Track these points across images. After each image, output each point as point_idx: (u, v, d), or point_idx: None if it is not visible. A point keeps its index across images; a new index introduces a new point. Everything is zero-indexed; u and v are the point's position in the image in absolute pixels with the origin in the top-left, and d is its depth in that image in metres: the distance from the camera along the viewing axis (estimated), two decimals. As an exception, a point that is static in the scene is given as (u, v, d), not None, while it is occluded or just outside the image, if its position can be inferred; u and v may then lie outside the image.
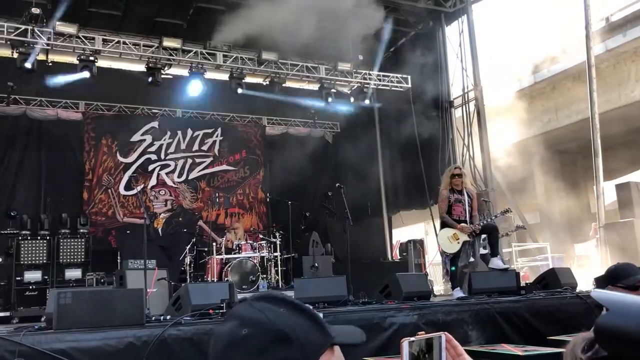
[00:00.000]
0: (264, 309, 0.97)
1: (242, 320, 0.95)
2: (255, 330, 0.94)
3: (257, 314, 0.96)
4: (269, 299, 0.99)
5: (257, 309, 0.97)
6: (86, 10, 10.48)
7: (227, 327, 0.95)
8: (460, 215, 6.97)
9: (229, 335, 0.94)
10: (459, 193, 7.03)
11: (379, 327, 5.15)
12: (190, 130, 12.38)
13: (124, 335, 4.14)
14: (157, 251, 10.23)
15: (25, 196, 10.88)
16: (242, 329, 0.94)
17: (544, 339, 4.76)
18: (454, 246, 6.98)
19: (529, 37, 15.82)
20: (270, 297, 1.00)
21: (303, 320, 0.98)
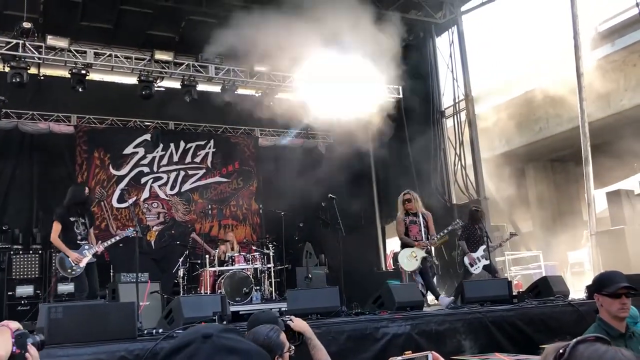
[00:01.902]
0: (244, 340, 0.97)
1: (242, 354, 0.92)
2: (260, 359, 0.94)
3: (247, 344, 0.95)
4: (233, 331, 0.98)
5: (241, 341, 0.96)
6: (78, 24, 10.51)
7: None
8: (417, 235, 7.83)
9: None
10: (414, 215, 7.87)
11: (372, 338, 5.15)
12: (182, 142, 12.38)
13: (115, 350, 4.12)
14: (150, 264, 10.21)
15: (17, 210, 10.82)
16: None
17: (537, 347, 4.78)
18: (413, 263, 7.72)
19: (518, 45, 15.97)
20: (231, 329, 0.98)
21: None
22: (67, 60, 9.53)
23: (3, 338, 1.93)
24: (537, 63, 15.49)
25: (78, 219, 7.07)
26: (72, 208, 7.12)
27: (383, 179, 13.70)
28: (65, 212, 7.07)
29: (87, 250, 7.00)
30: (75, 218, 7.06)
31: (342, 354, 4.91)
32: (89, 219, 7.26)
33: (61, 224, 6.95)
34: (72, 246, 6.94)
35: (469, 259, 8.83)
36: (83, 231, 7.08)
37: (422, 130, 12.01)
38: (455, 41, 11.99)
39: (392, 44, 11.70)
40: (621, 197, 11.59)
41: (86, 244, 7.06)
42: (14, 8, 9.52)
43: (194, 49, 10.90)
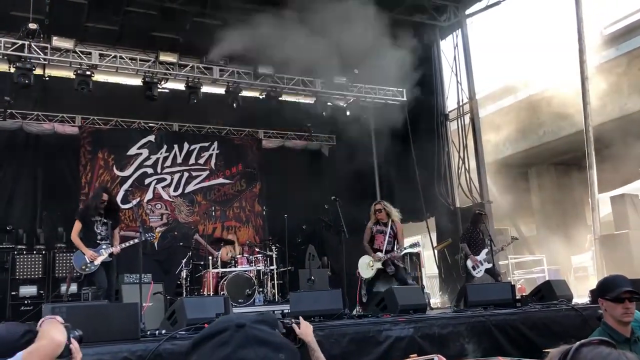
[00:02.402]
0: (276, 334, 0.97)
1: (271, 346, 0.93)
2: (289, 354, 0.94)
3: (278, 337, 0.96)
4: (267, 322, 0.99)
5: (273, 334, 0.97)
6: (83, 25, 10.55)
7: (259, 354, 0.91)
8: (380, 245, 7.80)
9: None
10: (383, 225, 7.84)
11: (375, 341, 5.14)
12: (186, 143, 12.40)
13: (118, 350, 4.13)
14: (153, 265, 10.21)
15: (21, 210, 10.85)
16: (279, 355, 0.92)
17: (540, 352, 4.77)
18: (369, 272, 7.80)
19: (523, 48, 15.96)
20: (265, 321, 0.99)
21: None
22: (72, 62, 9.56)
23: (59, 328, 2.11)
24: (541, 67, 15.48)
25: (99, 219, 7.16)
26: (92, 208, 7.23)
27: (386, 182, 13.69)
28: (85, 212, 7.26)
29: (104, 249, 7.07)
30: (95, 218, 7.15)
31: (344, 356, 4.91)
32: (113, 220, 7.30)
33: (81, 223, 7.10)
34: (91, 245, 7.04)
35: (472, 262, 8.80)
36: (103, 231, 7.15)
37: (426, 133, 12.01)
38: (459, 44, 11.99)
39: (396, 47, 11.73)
40: (625, 201, 11.54)
41: (105, 243, 7.12)
42: (20, 9, 9.56)
43: (198, 50, 10.93)
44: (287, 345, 0.95)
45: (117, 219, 7.64)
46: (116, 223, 7.45)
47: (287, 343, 0.96)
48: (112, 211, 7.47)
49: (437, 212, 12.11)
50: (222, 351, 0.90)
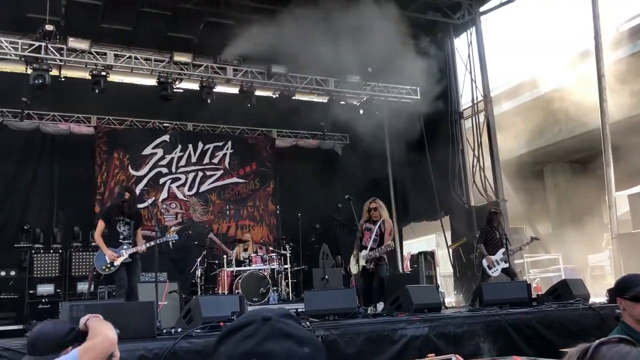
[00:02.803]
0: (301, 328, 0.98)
1: (296, 339, 0.94)
2: (314, 348, 0.94)
3: (303, 331, 0.96)
4: (292, 317, 1.00)
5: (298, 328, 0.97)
6: (98, 26, 10.63)
7: (283, 346, 0.92)
8: (366, 243, 7.80)
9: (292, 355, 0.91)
10: (373, 223, 7.84)
11: (390, 340, 5.14)
12: (200, 143, 12.46)
13: (135, 348, 4.17)
14: (168, 264, 10.28)
15: (38, 210, 10.98)
16: (303, 348, 0.93)
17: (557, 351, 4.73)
18: (354, 268, 7.89)
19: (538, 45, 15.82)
20: (290, 315, 1.00)
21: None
22: (88, 62, 9.65)
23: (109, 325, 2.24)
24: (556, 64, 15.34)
25: (122, 219, 7.22)
26: (115, 208, 7.32)
27: (400, 181, 13.67)
28: (108, 211, 7.35)
29: (124, 249, 7.11)
30: (118, 217, 7.21)
31: (359, 355, 4.91)
32: (135, 219, 7.36)
33: (104, 222, 7.17)
34: (113, 244, 7.09)
35: (487, 262, 8.75)
36: (125, 231, 7.20)
37: (440, 131, 11.96)
38: (473, 42, 11.91)
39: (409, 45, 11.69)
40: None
41: (126, 243, 7.17)
42: (37, 11, 9.66)
43: (212, 50, 10.97)
44: (312, 340, 0.95)
45: (140, 219, 7.68)
46: (138, 223, 7.50)
47: (311, 337, 0.96)
48: (136, 211, 7.53)
49: (452, 210, 12.06)
50: (247, 344, 0.91)
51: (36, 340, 2.49)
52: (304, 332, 0.97)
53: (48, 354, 2.43)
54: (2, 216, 10.63)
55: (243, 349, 0.91)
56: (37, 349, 2.47)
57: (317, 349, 0.95)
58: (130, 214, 7.31)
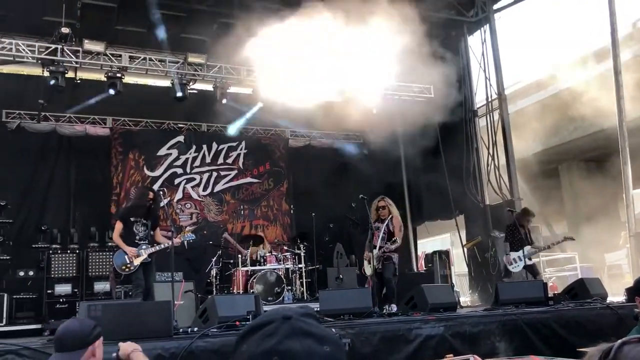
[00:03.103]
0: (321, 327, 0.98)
1: (316, 337, 0.94)
2: (334, 347, 0.95)
3: (323, 330, 0.97)
4: (312, 316, 1.00)
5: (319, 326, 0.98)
6: (113, 28, 10.72)
7: (303, 345, 0.92)
8: (376, 242, 7.77)
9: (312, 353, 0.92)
10: (381, 222, 7.83)
11: (405, 339, 5.13)
12: (215, 143, 12.52)
13: (152, 347, 4.20)
14: (184, 264, 10.34)
15: (55, 211, 11.11)
16: (323, 347, 0.93)
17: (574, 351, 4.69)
18: (368, 269, 7.85)
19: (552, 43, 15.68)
20: (310, 314, 1.00)
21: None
22: (103, 64, 9.73)
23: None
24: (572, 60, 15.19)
25: (139, 220, 7.28)
26: (134, 209, 7.40)
27: (414, 179, 13.62)
28: (126, 213, 7.42)
29: (143, 250, 7.17)
30: (136, 218, 7.28)
31: (375, 355, 4.92)
32: (152, 220, 7.43)
33: (122, 223, 7.23)
34: (130, 245, 7.15)
35: (506, 260, 8.79)
36: (142, 231, 7.27)
37: (454, 130, 11.89)
38: (487, 40, 11.84)
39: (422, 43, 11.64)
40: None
41: (144, 243, 7.24)
42: (53, 14, 9.78)
43: (226, 51, 11.00)
44: (333, 338, 0.96)
45: (157, 219, 7.73)
46: (156, 223, 7.55)
47: (332, 336, 0.96)
48: (154, 211, 7.59)
49: (467, 209, 12.00)
50: (268, 342, 0.92)
51: (64, 338, 2.61)
52: (324, 330, 0.97)
53: (76, 349, 2.57)
54: (20, 217, 10.76)
55: (264, 348, 0.92)
56: (65, 346, 2.60)
57: (337, 347, 0.95)
58: (148, 214, 7.37)
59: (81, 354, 2.57)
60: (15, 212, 10.63)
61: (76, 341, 2.61)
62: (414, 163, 13.29)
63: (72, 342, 2.61)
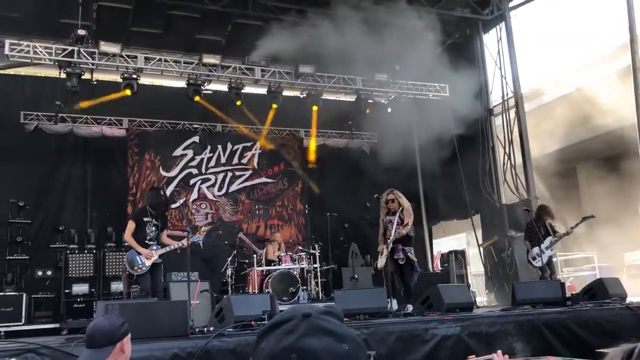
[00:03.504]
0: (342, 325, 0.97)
1: (336, 336, 0.94)
2: (353, 345, 0.94)
3: (343, 329, 0.96)
4: (333, 314, 0.99)
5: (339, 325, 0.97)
6: (128, 30, 10.81)
7: (322, 343, 0.91)
8: (390, 236, 7.59)
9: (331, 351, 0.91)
10: (393, 214, 7.67)
11: (421, 339, 5.11)
12: (229, 144, 12.57)
13: (169, 347, 4.23)
14: (199, 263, 10.39)
15: (72, 211, 11.22)
16: (342, 345, 0.92)
17: (592, 352, 4.64)
18: (381, 260, 7.65)
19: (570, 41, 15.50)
20: (331, 312, 1.00)
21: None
22: (119, 65, 9.81)
23: None
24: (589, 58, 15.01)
25: (151, 221, 7.36)
26: (147, 210, 7.45)
27: (429, 179, 13.54)
28: (140, 213, 7.47)
29: (154, 250, 7.24)
30: (148, 219, 7.35)
31: (390, 355, 4.90)
32: (162, 221, 7.52)
33: (135, 224, 7.30)
34: (141, 245, 7.21)
35: (530, 255, 8.73)
36: (152, 232, 7.34)
37: (470, 129, 11.81)
38: (503, 38, 11.74)
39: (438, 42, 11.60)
40: (681, 196, 11.08)
41: (154, 244, 7.31)
42: (69, 16, 9.88)
43: (240, 52, 11.05)
44: (352, 337, 0.95)
45: (166, 221, 7.82)
46: (165, 225, 7.63)
47: (352, 335, 0.95)
48: (163, 213, 7.65)
49: (482, 209, 11.91)
50: (286, 339, 0.92)
51: (94, 335, 2.73)
52: (344, 329, 0.96)
53: (105, 346, 2.69)
54: (38, 217, 10.90)
55: (283, 345, 0.92)
56: (95, 343, 2.71)
57: (357, 346, 0.94)
58: (158, 215, 7.44)
59: (110, 350, 2.69)
60: (34, 212, 10.77)
61: (105, 338, 2.72)
62: (429, 162, 13.21)
63: (102, 339, 2.71)
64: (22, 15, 10.06)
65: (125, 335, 2.82)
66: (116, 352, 2.72)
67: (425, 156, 13.12)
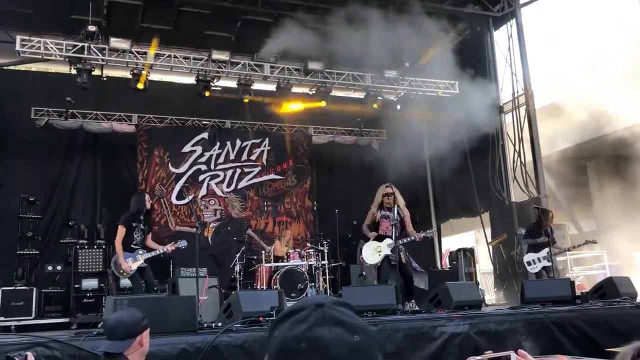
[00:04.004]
0: (354, 316, 0.97)
1: (347, 326, 0.94)
2: (365, 337, 0.93)
3: (356, 320, 0.96)
4: (347, 305, 0.99)
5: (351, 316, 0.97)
6: (138, 26, 10.84)
7: (333, 333, 0.91)
8: (387, 231, 7.38)
9: (341, 342, 0.91)
10: (388, 210, 7.42)
11: (429, 337, 5.10)
12: (238, 140, 12.58)
13: (177, 342, 4.24)
14: (208, 259, 10.43)
15: (82, 207, 11.30)
16: (353, 336, 0.92)
17: (602, 351, 4.61)
18: (375, 257, 7.38)
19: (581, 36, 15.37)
20: (344, 303, 1.00)
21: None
22: (129, 61, 9.84)
23: None
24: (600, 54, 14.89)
25: (138, 225, 7.44)
26: (135, 215, 7.51)
27: (438, 176, 13.49)
28: (129, 218, 7.49)
29: (140, 255, 7.32)
30: (136, 224, 7.44)
31: (398, 352, 4.89)
32: (148, 226, 7.64)
33: (125, 229, 7.34)
34: (128, 249, 7.29)
35: (526, 259, 8.69)
36: (139, 237, 7.43)
37: (480, 127, 11.73)
38: (514, 34, 11.65)
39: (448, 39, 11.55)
40: (693, 195, 10.98)
41: (140, 249, 7.39)
42: (80, 12, 9.93)
43: (249, 48, 11.05)
44: (364, 329, 0.94)
45: (151, 225, 7.96)
46: (150, 228, 7.75)
47: (364, 326, 0.95)
48: (149, 217, 7.78)
49: (492, 207, 11.85)
50: (298, 328, 0.93)
51: (115, 327, 2.83)
52: (357, 320, 0.96)
53: (125, 338, 2.78)
54: (48, 212, 10.97)
55: (294, 333, 0.92)
56: (116, 335, 2.81)
57: (369, 338, 0.94)
58: (145, 220, 7.55)
59: (130, 343, 2.78)
60: (44, 207, 10.85)
61: (126, 331, 2.81)
62: (438, 160, 13.16)
63: (123, 331, 2.80)
64: (33, 12, 10.13)
65: (145, 330, 2.91)
66: (135, 345, 2.80)
67: (434, 152, 13.07)
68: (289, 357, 0.91)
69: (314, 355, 0.89)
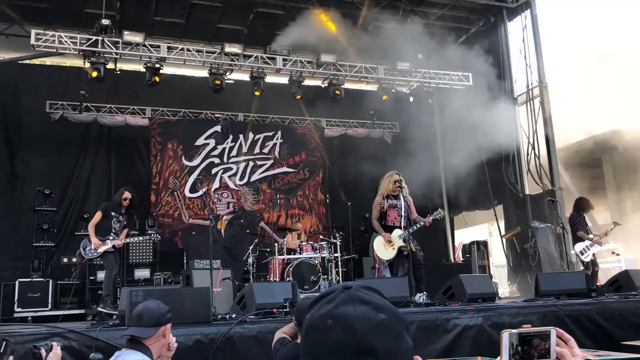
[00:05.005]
0: (381, 298, 0.99)
1: (372, 305, 0.96)
2: (391, 316, 0.96)
3: (382, 301, 0.98)
4: (375, 290, 1.02)
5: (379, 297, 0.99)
6: (151, 19, 10.87)
7: (358, 310, 0.94)
8: (395, 221, 7.09)
9: (367, 319, 0.93)
10: (395, 198, 7.08)
11: (443, 329, 5.09)
12: (251, 133, 12.61)
13: (192, 333, 4.28)
14: (221, 252, 10.47)
15: (97, 199, 11.35)
16: (379, 314, 0.95)
17: (618, 344, 4.58)
18: (389, 252, 7.09)
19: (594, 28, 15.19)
20: (372, 287, 1.02)
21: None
22: (142, 55, 9.87)
23: None
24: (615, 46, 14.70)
25: (118, 216, 7.68)
26: (115, 205, 7.77)
27: (451, 169, 13.40)
28: (110, 207, 7.79)
29: (110, 240, 7.54)
30: (115, 214, 7.68)
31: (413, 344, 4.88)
32: (127, 220, 7.85)
33: (102, 214, 7.62)
34: (101, 234, 7.52)
35: (577, 249, 8.58)
36: (117, 227, 7.65)
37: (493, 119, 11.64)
38: (528, 25, 11.53)
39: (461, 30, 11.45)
40: None
41: (113, 235, 7.61)
42: (93, 6, 9.98)
43: (262, 41, 11.04)
44: (390, 309, 0.97)
45: (131, 221, 8.22)
46: (128, 224, 7.96)
47: (390, 307, 0.97)
48: (130, 213, 7.96)
49: (505, 199, 11.78)
50: (325, 307, 0.97)
51: (143, 314, 2.95)
52: (383, 301, 0.98)
53: (151, 326, 2.91)
54: (64, 205, 11.08)
55: (321, 312, 0.96)
56: (143, 321, 2.93)
57: (395, 317, 0.96)
58: (128, 214, 7.80)
59: (154, 332, 2.90)
60: (59, 200, 10.95)
61: (152, 319, 2.93)
62: (451, 152, 13.08)
63: (149, 319, 2.92)
64: (47, 6, 10.19)
65: (169, 322, 3.02)
66: (158, 335, 2.92)
67: (448, 145, 13.01)
68: (316, 334, 0.95)
69: (339, 331, 0.92)
